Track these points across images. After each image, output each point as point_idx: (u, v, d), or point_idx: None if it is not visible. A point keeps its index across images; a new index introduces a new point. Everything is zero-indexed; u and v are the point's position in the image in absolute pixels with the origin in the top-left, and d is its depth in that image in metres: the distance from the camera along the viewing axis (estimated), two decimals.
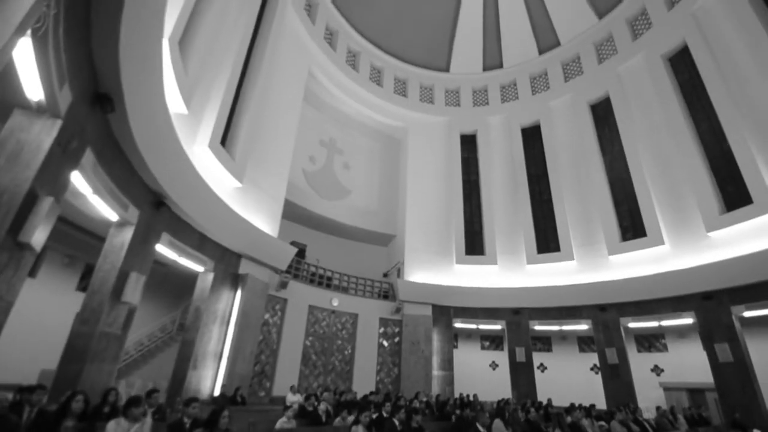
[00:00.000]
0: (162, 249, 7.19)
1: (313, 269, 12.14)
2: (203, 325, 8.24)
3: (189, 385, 7.65)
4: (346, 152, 15.37)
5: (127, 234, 6.00)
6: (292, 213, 13.05)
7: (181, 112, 6.50)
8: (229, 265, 8.98)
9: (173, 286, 13.09)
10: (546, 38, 15.41)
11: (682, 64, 11.73)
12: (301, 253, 12.19)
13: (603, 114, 13.61)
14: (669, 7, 12.22)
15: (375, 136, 16.48)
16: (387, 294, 13.24)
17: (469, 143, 15.99)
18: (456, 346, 14.40)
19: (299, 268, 11.77)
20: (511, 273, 13.23)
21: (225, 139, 8.81)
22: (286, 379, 9.84)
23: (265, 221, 9.88)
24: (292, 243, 11.55)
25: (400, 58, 16.38)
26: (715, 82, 10.41)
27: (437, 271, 13.56)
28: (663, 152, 11.46)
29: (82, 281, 11.08)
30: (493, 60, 16.35)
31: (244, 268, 9.26)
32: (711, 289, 9.47)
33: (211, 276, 8.47)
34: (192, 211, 7.02)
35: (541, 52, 15.66)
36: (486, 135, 15.65)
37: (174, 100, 6.25)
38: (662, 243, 10.67)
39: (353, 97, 14.97)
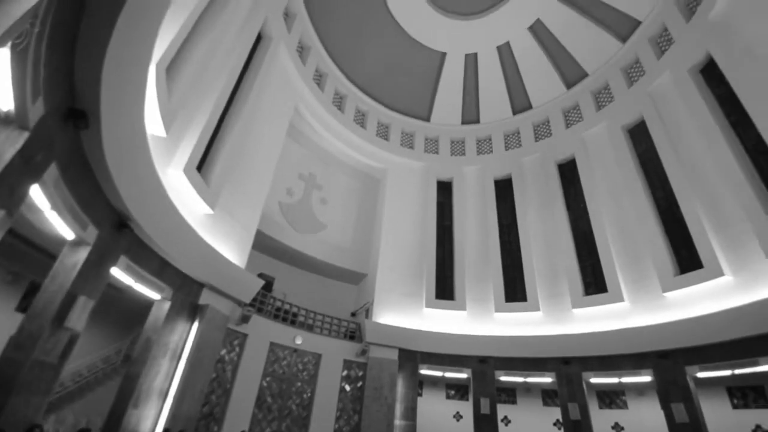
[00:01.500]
0: (117, 273, 6.82)
1: (278, 304, 11.72)
2: (151, 358, 7.67)
3: (127, 426, 6.97)
4: (325, 188, 15.49)
5: (82, 254, 5.69)
6: (262, 244, 12.79)
7: (159, 134, 6.47)
8: (189, 295, 8.56)
9: (124, 314, 12.27)
10: (519, 101, 16.66)
11: (640, 136, 12.84)
12: (267, 286, 11.81)
13: (569, 174, 14.52)
14: (629, 84, 13.58)
15: (355, 174, 16.78)
16: (353, 334, 12.85)
17: (444, 189, 16.52)
18: (420, 394, 13.92)
19: (264, 301, 11.34)
20: (479, 320, 13.23)
21: (202, 165, 8.75)
22: (236, 423, 9.12)
23: (233, 251, 9.62)
24: (260, 275, 11.21)
25: (384, 104, 17.17)
26: (668, 155, 11.39)
27: (406, 313, 13.39)
28: (623, 214, 12.21)
29: (24, 301, 10.22)
30: (470, 115, 17.40)
31: (205, 298, 8.84)
32: (667, 348, 9.75)
33: (167, 305, 8.02)
34: (156, 234, 6.77)
35: (514, 112, 16.85)
36: (461, 183, 16.25)
37: (153, 123, 6.24)
38: (622, 300, 11.06)
39: (337, 136, 15.38)
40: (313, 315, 12.41)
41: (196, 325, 8.54)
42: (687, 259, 10.39)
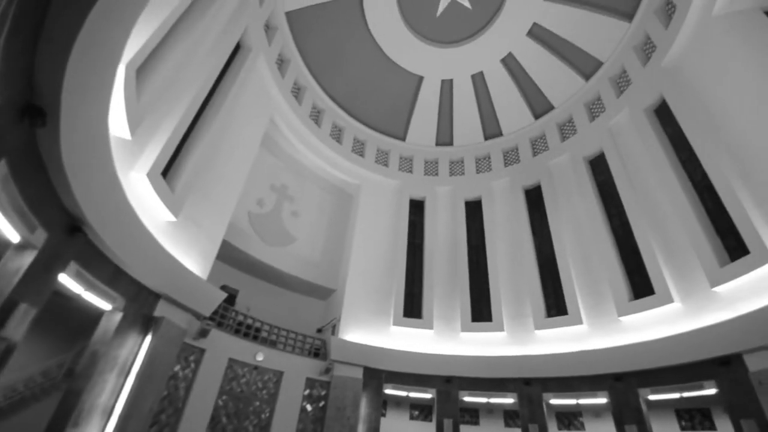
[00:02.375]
0: (66, 280, 6.38)
1: (241, 318, 11.29)
2: (97, 374, 7.14)
3: None
4: (297, 200, 15.32)
5: (27, 259, 5.28)
6: (228, 255, 12.39)
7: (123, 136, 6.24)
8: (143, 306, 8.10)
9: (70, 324, 11.43)
10: (491, 127, 17.37)
11: (600, 167, 13.65)
12: (230, 299, 11.42)
13: (535, 199, 15.16)
14: (591, 119, 14.51)
15: (328, 188, 16.74)
16: (318, 352, 12.54)
17: (417, 208, 16.77)
18: (384, 415, 13.68)
19: (225, 315, 10.91)
20: (445, 339, 13.28)
21: (168, 170, 8.47)
22: None
23: (196, 261, 9.25)
24: (223, 287, 10.84)
25: (361, 121, 17.40)
26: (625, 186, 12.15)
27: (373, 331, 13.25)
28: (583, 240, 12.80)
29: None
30: (444, 137, 17.92)
31: (161, 310, 8.38)
32: (621, 371, 10.13)
33: (119, 316, 7.54)
34: (112, 240, 6.42)
35: (486, 138, 17.53)
36: (433, 202, 16.56)
37: (118, 125, 6.02)
38: (581, 323, 11.47)
39: (312, 150, 15.36)
40: (276, 330, 12.03)
41: (149, 338, 8.06)
42: (640, 285, 10.97)
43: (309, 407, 11.34)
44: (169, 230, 8.42)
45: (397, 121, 17.72)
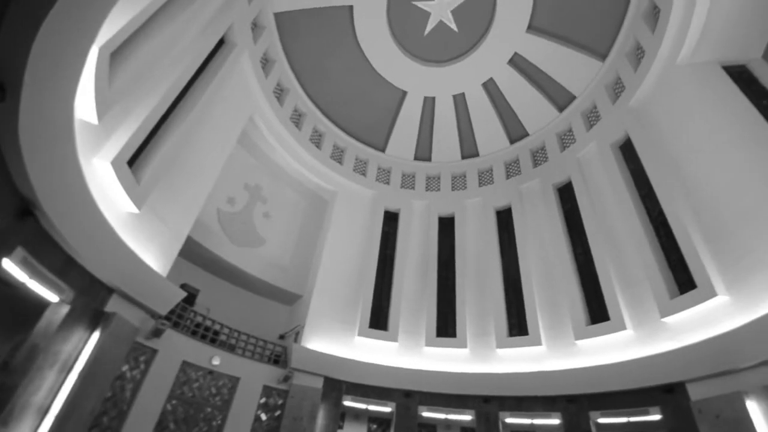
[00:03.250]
0: (9, 266, 5.92)
1: (199, 319, 10.85)
2: (36, 369, 6.63)
3: None
4: (270, 201, 15.05)
5: None
6: (191, 252, 11.94)
7: (90, 120, 5.95)
8: (94, 300, 7.63)
9: (9, 314, 10.56)
10: (468, 147, 17.83)
11: (567, 195, 14.25)
12: (190, 298, 10.97)
13: (505, 221, 15.61)
14: (562, 149, 15.19)
15: (303, 192, 16.55)
16: (278, 359, 12.20)
17: (391, 219, 16.84)
18: (341, 427, 13.39)
19: (183, 315, 10.44)
20: (409, 353, 13.27)
21: (135, 160, 8.12)
22: None
23: (156, 256, 8.85)
24: (182, 286, 10.39)
25: (342, 129, 17.42)
26: (588, 215, 12.72)
27: (337, 341, 13.06)
28: (547, 264, 13.24)
29: None
30: (423, 152, 18.21)
31: (113, 305, 7.93)
32: (575, 393, 10.45)
33: (65, 309, 7.06)
34: (66, 228, 6.05)
35: (463, 157, 17.96)
36: (408, 215, 16.69)
37: (85, 108, 5.75)
38: (540, 344, 11.78)
39: (290, 152, 15.20)
40: (236, 334, 11.63)
41: (96, 334, 7.58)
42: (597, 311, 11.44)
43: (264, 416, 10.95)
44: (130, 222, 8.04)
45: (378, 132, 17.87)
